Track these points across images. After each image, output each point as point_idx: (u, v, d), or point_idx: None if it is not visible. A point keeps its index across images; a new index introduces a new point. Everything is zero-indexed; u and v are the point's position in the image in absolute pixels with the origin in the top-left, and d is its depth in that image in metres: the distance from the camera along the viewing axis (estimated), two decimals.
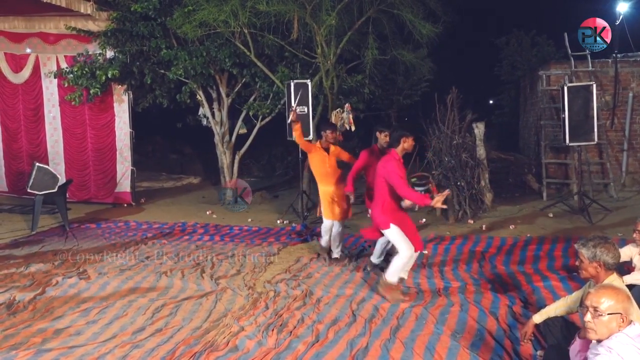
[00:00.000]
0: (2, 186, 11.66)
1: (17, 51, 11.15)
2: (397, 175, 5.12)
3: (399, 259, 5.30)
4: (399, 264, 5.31)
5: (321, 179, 6.67)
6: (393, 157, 5.29)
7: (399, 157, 5.33)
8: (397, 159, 5.28)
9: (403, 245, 5.27)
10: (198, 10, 9.10)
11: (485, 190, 9.49)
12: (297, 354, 4.14)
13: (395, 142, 5.38)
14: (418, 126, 10.35)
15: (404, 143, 5.33)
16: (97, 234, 8.57)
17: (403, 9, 9.43)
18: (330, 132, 6.61)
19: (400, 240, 5.29)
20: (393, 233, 5.30)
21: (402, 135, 5.34)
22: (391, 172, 5.17)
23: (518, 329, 4.34)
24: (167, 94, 10.95)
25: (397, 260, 5.31)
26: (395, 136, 5.41)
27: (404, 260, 5.30)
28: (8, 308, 5.21)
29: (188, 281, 5.99)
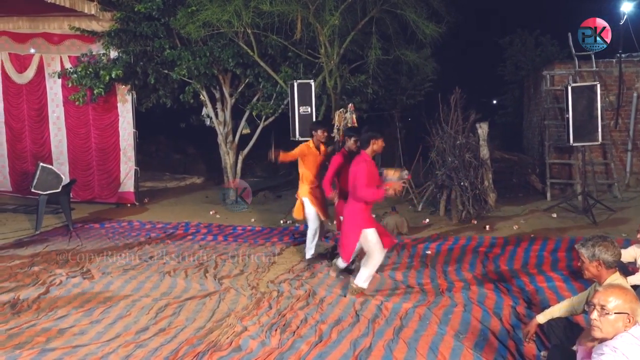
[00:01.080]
0: (6, 186, 11.69)
1: (22, 51, 11.19)
2: (362, 176, 5.18)
3: (372, 264, 5.37)
4: (371, 270, 5.39)
5: (313, 179, 6.65)
6: (363, 158, 5.34)
7: (369, 158, 5.38)
8: (367, 161, 5.33)
9: (377, 248, 5.34)
10: (201, 10, 9.11)
11: (488, 191, 9.47)
12: (300, 354, 4.14)
13: (365, 143, 5.44)
14: (421, 126, 10.37)
15: (374, 145, 5.40)
16: (101, 233, 8.59)
17: (406, 9, 9.42)
18: (321, 131, 6.68)
19: (375, 243, 5.33)
20: (371, 235, 5.34)
21: (371, 136, 5.40)
22: (358, 173, 5.23)
23: (522, 330, 4.33)
24: (170, 94, 10.97)
25: (369, 265, 5.37)
26: (365, 138, 5.46)
27: (376, 265, 5.38)
28: (12, 307, 5.23)
29: (191, 281, 5.99)
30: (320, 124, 7.01)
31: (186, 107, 11.46)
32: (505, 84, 16.86)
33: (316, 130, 6.70)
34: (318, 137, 6.69)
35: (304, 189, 6.65)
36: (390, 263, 6.65)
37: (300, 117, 8.88)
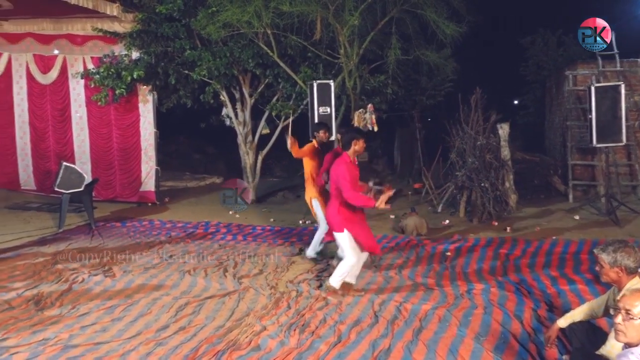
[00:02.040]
0: (30, 185, 11.88)
1: (46, 52, 11.36)
2: (345, 179, 5.16)
3: (344, 265, 5.40)
4: (344, 270, 5.41)
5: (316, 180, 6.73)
6: (344, 160, 5.33)
7: (350, 159, 5.38)
8: (348, 162, 5.32)
9: (350, 252, 5.35)
10: (222, 11, 9.16)
11: (509, 192, 9.38)
12: (319, 354, 4.14)
13: (346, 144, 5.43)
14: (441, 127, 10.30)
15: (355, 145, 5.40)
16: (122, 232, 8.69)
17: (427, 9, 9.37)
18: (322, 132, 6.75)
19: (348, 246, 5.34)
20: (344, 238, 5.34)
21: (352, 137, 5.41)
22: (340, 175, 5.22)
23: (543, 334, 4.28)
24: (191, 95, 11.06)
25: (342, 266, 5.42)
26: (346, 139, 5.46)
27: (348, 267, 5.40)
28: (36, 304, 5.32)
29: (211, 280, 6.03)
30: (322, 125, 7.06)
31: (206, 107, 11.54)
32: (527, 84, 16.68)
33: (318, 131, 6.79)
34: (320, 138, 6.76)
35: (312, 191, 6.73)
36: (409, 264, 6.62)
37: (320, 118, 8.86)
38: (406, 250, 7.29)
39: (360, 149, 5.46)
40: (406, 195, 11.64)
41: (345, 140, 5.48)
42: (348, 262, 5.39)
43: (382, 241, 7.85)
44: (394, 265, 6.57)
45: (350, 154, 5.41)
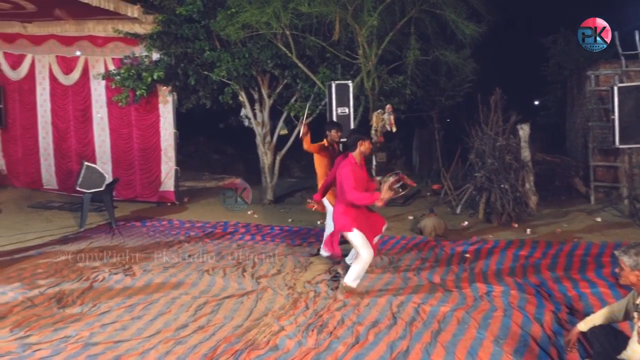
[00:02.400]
0: (52, 184, 12.05)
1: (68, 54, 11.52)
2: (349, 180, 5.17)
3: (359, 263, 5.37)
4: (359, 268, 5.39)
5: None
6: (349, 161, 5.34)
7: (355, 161, 5.37)
8: (353, 164, 5.33)
9: (364, 250, 5.32)
10: (241, 12, 9.22)
11: (530, 193, 9.28)
12: (337, 355, 4.14)
13: (352, 145, 5.41)
14: (460, 127, 10.23)
15: (361, 146, 5.39)
16: (142, 231, 8.78)
17: (446, 9, 9.32)
18: (335, 131, 6.75)
19: (362, 244, 5.32)
20: (355, 237, 5.32)
21: (358, 138, 5.40)
22: (344, 177, 5.23)
23: (564, 337, 4.22)
24: (210, 95, 11.13)
25: (357, 264, 5.40)
26: (351, 140, 5.44)
27: (364, 264, 5.37)
28: (58, 302, 5.39)
29: (229, 280, 6.06)
30: (334, 124, 7.05)
31: (225, 108, 11.61)
32: (548, 85, 16.48)
33: (330, 130, 6.79)
34: (332, 137, 6.77)
35: None
36: (428, 265, 6.59)
37: (338, 118, 8.87)
38: (424, 252, 7.25)
39: (367, 150, 5.45)
40: (425, 196, 11.58)
41: (350, 141, 5.47)
42: (363, 260, 5.36)
43: (400, 242, 7.83)
44: (412, 267, 6.54)
45: (355, 155, 5.40)
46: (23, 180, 12.17)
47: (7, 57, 11.93)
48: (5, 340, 4.46)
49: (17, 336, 4.54)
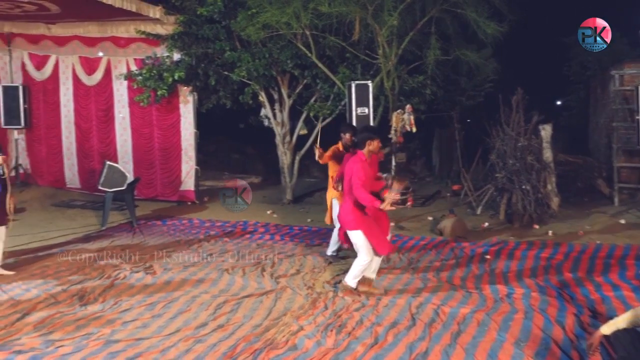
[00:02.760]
0: (75, 183, 12.20)
1: (91, 54, 11.66)
2: (358, 176, 5.19)
3: (358, 263, 5.40)
4: (358, 269, 5.42)
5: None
6: (359, 158, 5.35)
7: (365, 158, 5.38)
8: (363, 160, 5.34)
9: (364, 251, 5.34)
10: (261, 12, 9.25)
11: (551, 195, 9.17)
12: (355, 356, 4.13)
13: (360, 144, 5.43)
14: (481, 128, 10.15)
15: (369, 145, 5.41)
16: (163, 230, 8.86)
17: (467, 8, 9.25)
18: (349, 135, 6.67)
19: (362, 245, 5.34)
20: (357, 237, 5.35)
21: (367, 137, 5.41)
22: (354, 173, 5.24)
23: (586, 340, 4.17)
24: (230, 95, 11.18)
25: (356, 264, 5.42)
26: (361, 138, 5.46)
27: (362, 266, 5.39)
28: (80, 299, 5.47)
29: (249, 279, 6.09)
30: (349, 127, 7.05)
31: (245, 108, 11.65)
32: (570, 84, 16.27)
33: (344, 133, 6.77)
34: (345, 141, 6.74)
35: (334, 191, 6.78)
36: (447, 266, 6.55)
37: (358, 118, 8.85)
38: (444, 253, 7.21)
39: (375, 149, 5.47)
40: (445, 197, 11.51)
41: (359, 139, 5.49)
42: (362, 261, 5.39)
43: (420, 243, 7.79)
44: (432, 268, 6.51)
45: (365, 152, 5.41)
46: (47, 179, 12.35)
47: (32, 58, 12.11)
48: (29, 336, 4.54)
49: (41, 333, 4.62)
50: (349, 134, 6.67)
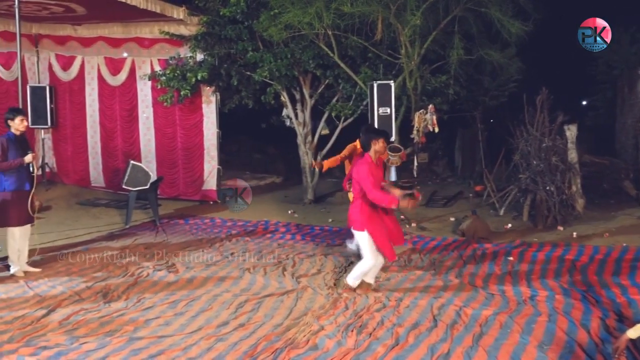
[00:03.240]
0: (100, 182, 12.38)
1: (115, 55, 11.83)
2: (367, 179, 5.14)
3: (362, 265, 5.43)
4: (361, 270, 5.45)
5: None
6: (365, 160, 5.32)
7: (371, 159, 5.33)
8: (370, 162, 5.30)
9: (369, 254, 5.34)
10: (283, 13, 9.27)
11: (576, 196, 9.03)
12: (376, 356, 4.12)
13: (366, 145, 5.38)
14: (505, 128, 10.03)
15: (374, 146, 5.33)
16: (185, 229, 8.94)
17: (491, 7, 9.15)
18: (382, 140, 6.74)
19: (367, 247, 5.33)
20: (364, 238, 5.33)
21: (371, 138, 5.35)
22: (362, 176, 5.20)
23: (612, 344, 4.09)
24: (252, 95, 11.24)
25: (360, 266, 5.46)
26: (364, 140, 5.41)
27: (366, 267, 5.41)
28: (104, 296, 5.55)
29: (270, 278, 6.11)
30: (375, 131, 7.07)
31: (267, 108, 11.71)
32: (596, 84, 15.99)
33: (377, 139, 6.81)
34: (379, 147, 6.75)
35: None
36: (469, 268, 6.49)
37: (380, 118, 8.83)
38: (466, 254, 7.15)
39: (381, 149, 5.40)
40: (467, 197, 11.41)
41: (363, 140, 5.44)
42: (366, 263, 5.40)
43: (441, 243, 7.74)
44: (454, 269, 6.46)
45: (371, 154, 5.36)
46: (72, 178, 12.55)
47: (59, 59, 12.32)
48: (54, 332, 4.62)
49: (65, 329, 4.70)
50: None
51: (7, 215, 6.21)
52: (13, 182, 6.17)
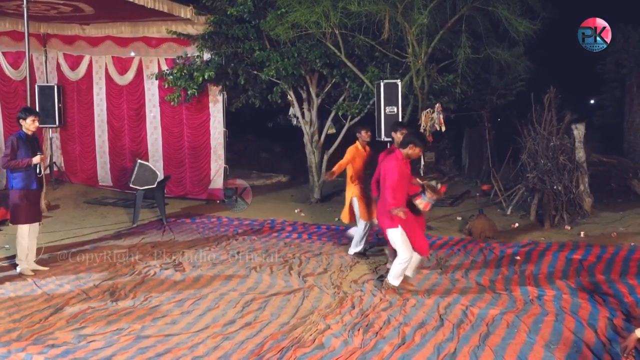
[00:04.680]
0: (107, 181, 12.43)
1: (123, 54, 11.87)
2: (392, 176, 5.28)
3: (399, 262, 5.45)
4: (400, 268, 5.46)
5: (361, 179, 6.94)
6: (396, 156, 5.44)
7: (402, 157, 5.43)
8: (400, 159, 5.41)
9: (403, 248, 5.39)
10: (290, 12, 9.27)
11: (584, 195, 8.99)
12: (382, 355, 4.12)
13: (404, 144, 5.48)
14: (512, 127, 10.00)
15: (410, 150, 5.42)
16: (192, 228, 8.96)
17: (498, 6, 9.11)
18: (364, 132, 6.98)
19: (401, 242, 5.38)
20: (397, 234, 5.38)
21: (412, 141, 5.42)
22: (389, 170, 5.33)
23: (619, 344, 4.07)
24: (259, 94, 11.26)
25: (397, 263, 5.47)
26: (406, 140, 5.48)
27: (403, 263, 5.43)
28: (111, 295, 5.58)
29: (276, 277, 6.12)
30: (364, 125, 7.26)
31: (274, 107, 11.71)
32: (605, 83, 15.91)
33: (360, 132, 7.02)
34: (363, 138, 6.97)
35: (354, 190, 6.90)
36: (476, 267, 6.48)
37: (386, 117, 8.82)
38: (473, 253, 7.13)
39: (414, 155, 5.50)
40: (474, 197, 11.38)
41: (405, 140, 5.51)
42: (402, 259, 5.42)
43: (448, 243, 7.72)
44: (461, 268, 6.45)
45: (403, 153, 5.45)
46: (80, 176, 12.62)
47: (67, 58, 12.38)
48: (62, 331, 4.65)
49: (73, 327, 4.72)
50: (364, 131, 6.96)
51: (16, 213, 6.28)
52: (21, 180, 6.22)
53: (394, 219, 5.30)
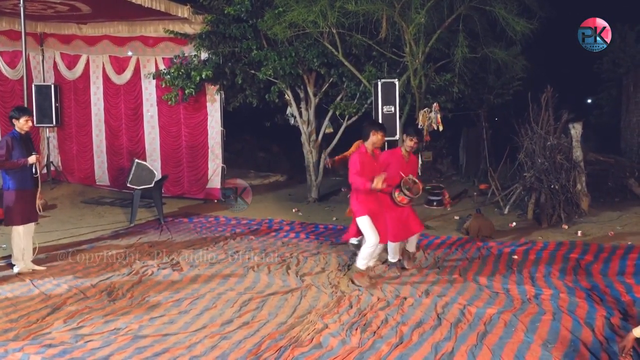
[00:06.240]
0: (105, 180, 12.42)
1: (120, 54, 11.86)
2: (354, 167, 5.64)
3: (366, 247, 5.80)
4: (367, 252, 5.80)
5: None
6: (360, 150, 5.81)
7: (365, 150, 5.79)
8: (363, 152, 5.76)
9: (370, 234, 5.73)
10: (288, 11, 9.27)
11: (581, 194, 9.00)
12: (380, 355, 4.12)
13: (365, 136, 5.83)
14: (509, 126, 10.01)
15: (372, 136, 5.76)
16: (189, 228, 8.95)
17: (496, 5, 9.12)
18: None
19: (368, 228, 5.72)
20: (364, 222, 5.74)
21: (371, 129, 5.78)
22: (351, 164, 5.72)
23: (616, 343, 4.08)
24: (256, 94, 11.25)
25: (364, 248, 5.83)
26: (365, 130, 5.83)
27: (370, 248, 5.76)
28: (109, 295, 5.57)
29: (274, 277, 6.12)
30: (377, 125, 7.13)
31: (271, 106, 11.71)
32: (602, 82, 15.95)
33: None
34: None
35: None
36: (474, 266, 6.49)
37: (384, 117, 8.83)
38: (471, 252, 7.14)
39: (378, 142, 5.81)
40: (471, 196, 11.39)
41: (363, 131, 5.85)
42: (370, 243, 5.74)
43: (446, 242, 7.73)
44: (458, 267, 6.45)
45: (367, 145, 5.81)
46: (77, 176, 12.60)
47: (64, 58, 12.36)
48: (59, 330, 4.64)
49: (70, 327, 4.71)
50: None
51: (11, 214, 6.25)
52: (17, 181, 6.20)
53: (362, 209, 5.71)
